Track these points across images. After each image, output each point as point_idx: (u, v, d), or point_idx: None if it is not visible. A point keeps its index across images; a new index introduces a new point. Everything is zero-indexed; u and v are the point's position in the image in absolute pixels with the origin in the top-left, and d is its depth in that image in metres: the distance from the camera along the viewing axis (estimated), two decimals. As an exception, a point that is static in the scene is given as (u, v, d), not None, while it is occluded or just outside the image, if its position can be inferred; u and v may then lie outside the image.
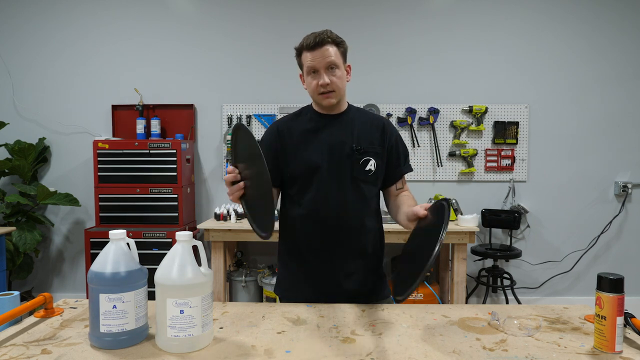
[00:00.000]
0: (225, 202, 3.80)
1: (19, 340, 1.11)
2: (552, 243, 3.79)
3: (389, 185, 1.61)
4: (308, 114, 1.59)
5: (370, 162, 1.52)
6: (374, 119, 1.59)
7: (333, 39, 1.46)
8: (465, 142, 3.74)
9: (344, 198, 1.51)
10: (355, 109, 1.61)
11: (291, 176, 1.55)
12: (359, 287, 1.56)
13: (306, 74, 1.49)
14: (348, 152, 1.51)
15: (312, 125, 1.55)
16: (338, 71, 1.46)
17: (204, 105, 3.82)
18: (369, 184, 1.54)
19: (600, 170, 3.74)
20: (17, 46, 3.80)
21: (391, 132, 1.59)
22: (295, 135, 1.54)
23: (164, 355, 1.04)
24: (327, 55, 1.44)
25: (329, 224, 1.50)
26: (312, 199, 1.51)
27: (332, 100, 1.49)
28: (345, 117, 1.56)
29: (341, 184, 1.51)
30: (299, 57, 1.50)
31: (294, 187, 1.55)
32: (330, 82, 1.45)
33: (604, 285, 1.05)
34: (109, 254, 1.08)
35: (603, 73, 3.71)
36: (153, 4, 3.77)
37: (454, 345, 1.10)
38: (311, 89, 1.49)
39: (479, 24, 3.72)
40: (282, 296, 1.62)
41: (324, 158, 1.51)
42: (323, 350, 1.07)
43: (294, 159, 1.53)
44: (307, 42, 1.45)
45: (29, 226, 3.48)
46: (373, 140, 1.54)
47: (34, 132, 3.81)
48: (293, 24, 3.73)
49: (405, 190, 1.62)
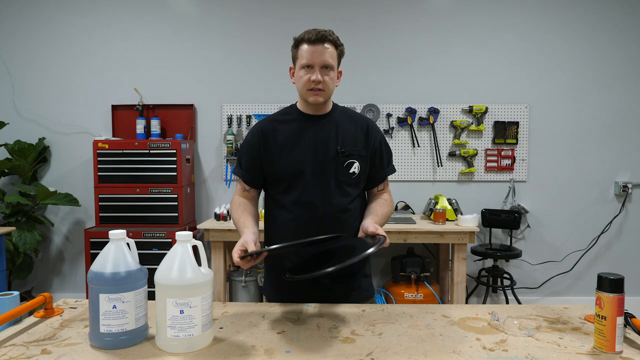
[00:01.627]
0: (225, 202, 3.81)
1: (18, 341, 1.11)
2: (552, 243, 3.79)
3: (371, 187, 1.62)
4: (293, 114, 1.57)
5: (354, 164, 1.52)
6: (359, 120, 1.58)
7: (334, 40, 1.46)
8: (465, 142, 3.74)
9: (328, 199, 1.50)
10: (340, 109, 1.60)
11: (275, 178, 1.54)
12: (345, 288, 1.55)
13: (299, 67, 1.47)
14: (332, 155, 1.50)
15: (297, 126, 1.54)
16: (332, 72, 1.46)
17: (204, 105, 3.82)
18: (352, 187, 1.54)
19: (600, 170, 3.74)
20: (17, 46, 3.80)
21: (375, 134, 1.58)
22: (279, 136, 1.53)
23: (164, 355, 1.04)
24: (326, 54, 1.43)
25: (313, 226, 1.48)
26: (296, 201, 1.50)
27: (319, 98, 1.48)
28: (330, 118, 1.55)
29: (325, 185, 1.50)
30: (296, 48, 1.49)
31: (278, 189, 1.54)
32: (322, 81, 1.44)
33: (604, 285, 1.05)
34: (109, 254, 1.08)
35: (603, 73, 3.71)
36: (153, 4, 3.77)
37: (454, 345, 1.10)
38: (301, 83, 1.47)
39: (479, 24, 3.72)
40: (270, 299, 1.60)
41: (309, 160, 1.50)
42: (323, 350, 1.07)
43: (278, 160, 1.52)
44: (309, 36, 1.43)
45: (29, 226, 3.48)
46: (357, 142, 1.54)
47: (33, 132, 3.81)
48: (293, 24, 3.72)
49: (385, 192, 1.63)
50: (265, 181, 1.58)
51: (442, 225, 3.21)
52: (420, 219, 3.45)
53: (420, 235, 3.17)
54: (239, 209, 1.54)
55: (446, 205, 3.36)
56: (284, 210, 1.53)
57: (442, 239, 3.19)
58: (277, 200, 1.55)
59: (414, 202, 3.76)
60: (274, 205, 1.57)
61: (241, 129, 3.78)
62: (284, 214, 1.53)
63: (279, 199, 1.55)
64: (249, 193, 1.59)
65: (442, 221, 3.24)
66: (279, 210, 1.55)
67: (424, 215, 3.57)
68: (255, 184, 1.58)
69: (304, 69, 1.46)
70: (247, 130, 3.77)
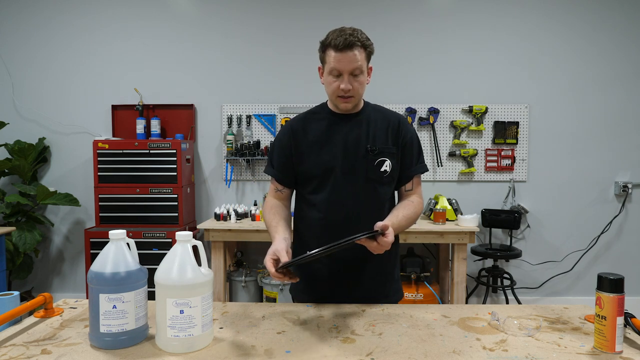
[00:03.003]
0: (225, 202, 3.81)
1: (18, 341, 1.11)
2: (552, 243, 3.79)
3: (399, 186, 1.57)
4: (323, 112, 1.55)
5: (385, 162, 1.49)
6: (390, 117, 1.54)
7: (362, 41, 1.39)
8: (465, 142, 3.74)
9: (358, 200, 1.48)
10: (371, 107, 1.57)
11: (305, 177, 1.52)
12: (373, 291, 1.54)
13: (327, 72, 1.43)
14: (363, 153, 1.48)
15: (327, 124, 1.51)
16: (361, 76, 1.42)
17: (204, 105, 3.82)
18: (384, 185, 1.51)
19: (600, 170, 3.74)
20: (17, 46, 3.80)
21: (406, 130, 1.54)
22: (309, 135, 1.51)
23: (164, 355, 1.04)
24: (354, 61, 1.37)
25: (343, 226, 1.45)
26: (327, 201, 1.48)
27: (349, 105, 1.46)
28: (360, 117, 1.52)
29: (355, 185, 1.48)
30: (323, 52, 1.43)
31: (308, 188, 1.52)
32: (352, 88, 1.41)
33: (604, 285, 1.05)
34: (109, 254, 1.08)
35: (603, 73, 3.71)
36: (153, 4, 3.77)
37: (454, 345, 1.10)
38: (330, 89, 1.44)
39: (479, 24, 3.72)
40: (296, 297, 1.60)
41: (339, 159, 1.48)
42: (323, 350, 1.07)
43: (308, 159, 1.50)
44: (336, 42, 1.36)
45: (29, 226, 3.48)
46: (388, 140, 1.50)
47: (33, 132, 3.81)
48: (293, 23, 3.72)
49: (413, 192, 1.56)
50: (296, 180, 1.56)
51: (442, 225, 3.21)
52: (420, 219, 3.45)
53: (420, 235, 3.17)
54: (271, 212, 1.51)
55: (446, 205, 3.36)
56: (314, 210, 1.50)
57: (442, 239, 3.19)
58: (307, 200, 1.53)
59: (414, 202, 3.75)
60: (304, 204, 1.54)
61: (241, 129, 3.78)
62: (314, 213, 1.50)
63: (309, 198, 1.53)
64: (282, 193, 1.57)
65: (442, 221, 3.24)
66: (309, 209, 1.52)
67: (424, 215, 3.56)
68: (288, 183, 1.55)
69: (332, 75, 1.41)
70: (247, 130, 3.77)
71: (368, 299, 1.46)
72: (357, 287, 1.53)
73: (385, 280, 1.58)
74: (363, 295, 1.51)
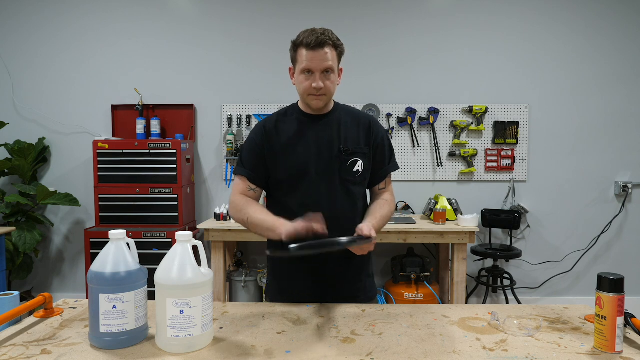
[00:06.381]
0: (225, 202, 3.81)
1: (18, 341, 1.11)
2: (552, 243, 3.79)
3: (372, 185, 1.60)
4: (294, 113, 1.56)
5: (358, 162, 1.51)
6: (361, 118, 1.57)
7: (333, 41, 1.43)
8: (465, 142, 3.74)
9: (333, 199, 1.49)
10: (341, 107, 1.59)
11: (278, 178, 1.51)
12: (350, 288, 1.55)
13: (299, 72, 1.45)
14: (336, 153, 1.49)
15: (299, 125, 1.52)
16: (332, 75, 1.45)
17: (204, 105, 3.82)
18: (357, 185, 1.53)
19: (601, 170, 3.74)
20: (17, 46, 3.80)
21: (377, 130, 1.56)
22: (282, 135, 1.51)
23: (164, 355, 1.04)
24: (326, 59, 1.41)
25: None
26: (301, 202, 1.47)
27: (320, 103, 1.47)
28: (331, 117, 1.54)
29: (330, 185, 1.49)
30: (295, 52, 1.46)
31: (281, 190, 1.52)
32: (324, 86, 1.43)
33: (604, 285, 1.05)
34: (109, 254, 1.08)
35: (603, 73, 3.71)
36: (153, 4, 3.77)
37: (454, 345, 1.10)
38: (302, 88, 1.46)
39: (479, 24, 3.72)
40: (273, 298, 1.58)
41: (313, 159, 1.49)
42: (323, 350, 1.07)
43: (282, 160, 1.50)
44: (308, 41, 1.40)
45: (29, 226, 3.48)
46: (360, 140, 1.53)
47: (33, 132, 3.81)
48: (293, 23, 3.72)
49: (386, 191, 1.59)
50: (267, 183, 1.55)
51: (442, 225, 3.21)
52: (420, 219, 3.45)
53: (420, 235, 3.17)
54: (252, 206, 1.46)
55: (446, 205, 3.36)
56: (289, 213, 1.46)
57: (442, 239, 3.19)
58: (281, 202, 1.52)
59: (414, 202, 3.76)
60: (278, 208, 1.50)
61: (241, 129, 3.78)
62: (289, 214, 1.46)
63: (283, 200, 1.52)
64: (255, 192, 1.54)
65: (442, 221, 3.24)
66: (283, 212, 1.48)
67: (424, 215, 3.56)
68: (260, 182, 1.54)
69: (304, 74, 1.44)
70: (247, 130, 3.77)
71: (346, 298, 1.48)
72: (334, 285, 1.53)
73: (361, 276, 1.59)
74: (340, 293, 1.52)
